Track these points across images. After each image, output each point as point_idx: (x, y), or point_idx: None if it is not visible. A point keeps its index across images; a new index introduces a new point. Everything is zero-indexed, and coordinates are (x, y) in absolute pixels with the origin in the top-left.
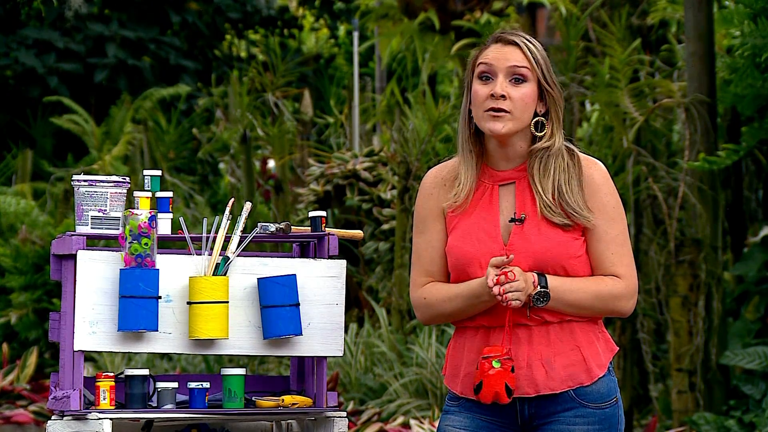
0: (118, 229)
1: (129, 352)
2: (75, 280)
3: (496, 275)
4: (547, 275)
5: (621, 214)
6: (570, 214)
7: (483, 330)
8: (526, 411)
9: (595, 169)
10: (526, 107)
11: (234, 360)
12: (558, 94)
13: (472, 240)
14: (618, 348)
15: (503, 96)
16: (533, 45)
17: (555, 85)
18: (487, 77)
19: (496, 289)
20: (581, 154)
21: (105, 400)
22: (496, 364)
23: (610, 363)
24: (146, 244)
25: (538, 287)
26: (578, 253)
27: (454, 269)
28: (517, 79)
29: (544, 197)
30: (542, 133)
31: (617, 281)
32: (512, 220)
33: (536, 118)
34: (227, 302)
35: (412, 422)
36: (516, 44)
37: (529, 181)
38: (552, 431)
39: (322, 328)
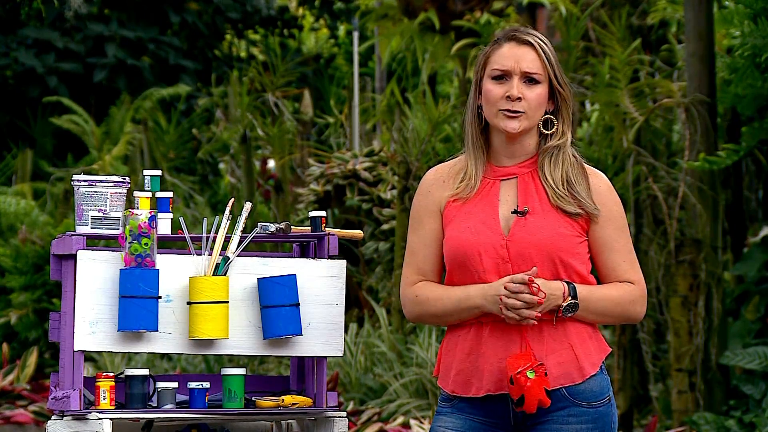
0: (118, 229)
1: (129, 352)
2: (75, 280)
3: (530, 288)
4: (576, 285)
5: (626, 222)
6: (580, 202)
7: (476, 326)
8: (519, 412)
9: (601, 179)
10: (540, 107)
11: (234, 360)
12: (568, 92)
13: (471, 231)
14: (611, 350)
15: (519, 98)
16: (546, 45)
17: (566, 84)
18: (501, 77)
19: (510, 314)
20: (585, 164)
21: (105, 400)
22: (530, 374)
23: (603, 363)
24: (146, 244)
25: (569, 299)
26: (577, 249)
27: (452, 261)
28: (531, 80)
29: (556, 189)
30: (552, 131)
31: (633, 287)
32: (515, 212)
33: (545, 116)
34: (227, 302)
35: (412, 422)
36: (530, 44)
37: (538, 176)
38: (545, 431)
39: (322, 328)
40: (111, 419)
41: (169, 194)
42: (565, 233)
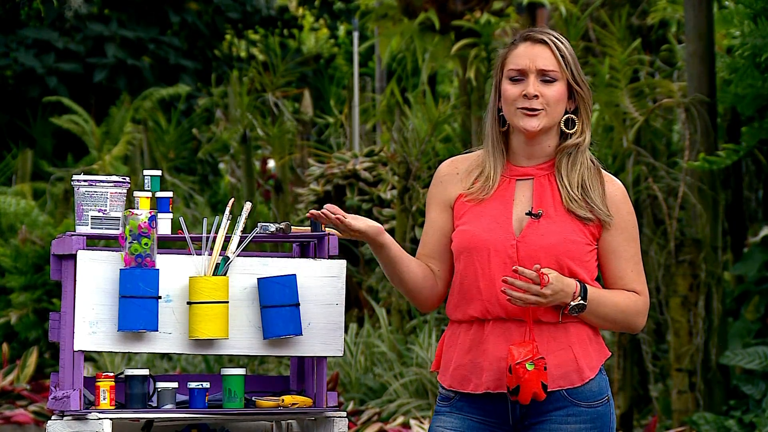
0: (118, 229)
1: (129, 352)
2: (75, 280)
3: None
4: (587, 286)
5: (637, 232)
6: (593, 208)
7: (477, 322)
8: (517, 410)
9: (616, 187)
10: (558, 104)
11: (234, 360)
12: (587, 91)
13: (481, 227)
14: (611, 354)
15: (536, 96)
16: (562, 43)
17: (584, 83)
18: (518, 78)
19: (516, 294)
20: (603, 170)
21: (105, 400)
22: (530, 367)
23: (602, 366)
24: (146, 244)
25: (578, 299)
26: (586, 257)
27: (460, 254)
28: (547, 78)
29: (570, 191)
30: (573, 131)
31: (638, 297)
32: (529, 214)
33: (566, 116)
34: (227, 302)
35: (412, 422)
36: (545, 43)
37: (554, 177)
38: (544, 430)
39: (322, 328)
40: (111, 419)
41: (169, 194)
42: (576, 240)
